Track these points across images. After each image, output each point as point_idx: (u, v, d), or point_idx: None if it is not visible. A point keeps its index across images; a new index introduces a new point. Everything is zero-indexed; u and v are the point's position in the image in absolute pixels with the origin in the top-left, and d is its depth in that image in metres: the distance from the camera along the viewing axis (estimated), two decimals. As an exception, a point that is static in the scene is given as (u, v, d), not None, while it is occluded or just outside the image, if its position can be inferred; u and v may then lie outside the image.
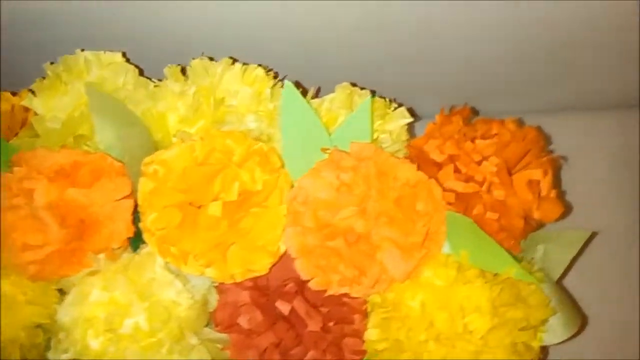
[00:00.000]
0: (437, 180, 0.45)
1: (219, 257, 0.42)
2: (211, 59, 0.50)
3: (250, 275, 0.43)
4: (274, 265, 0.44)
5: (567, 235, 0.51)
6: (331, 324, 0.44)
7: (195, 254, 0.41)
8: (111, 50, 0.52)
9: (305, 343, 0.44)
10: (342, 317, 0.45)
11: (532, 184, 0.45)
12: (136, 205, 0.44)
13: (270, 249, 0.43)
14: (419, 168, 0.46)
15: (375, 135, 0.50)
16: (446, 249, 0.45)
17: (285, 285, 0.45)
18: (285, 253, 0.44)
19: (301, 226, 0.41)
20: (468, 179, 0.45)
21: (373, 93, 0.53)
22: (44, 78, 0.51)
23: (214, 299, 0.46)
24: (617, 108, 0.68)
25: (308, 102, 0.47)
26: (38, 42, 0.56)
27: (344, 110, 0.49)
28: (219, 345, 0.45)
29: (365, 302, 0.46)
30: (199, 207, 0.42)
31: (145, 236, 0.43)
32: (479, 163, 0.45)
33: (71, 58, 0.51)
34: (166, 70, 0.51)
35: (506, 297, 0.43)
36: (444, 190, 0.45)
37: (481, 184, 0.44)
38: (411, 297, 0.43)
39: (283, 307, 0.44)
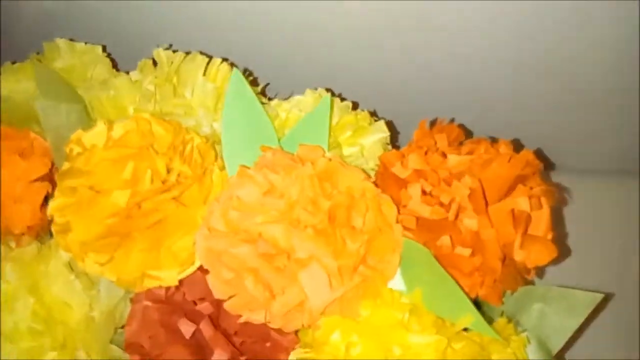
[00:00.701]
0: (398, 200, 0.37)
1: (115, 251, 0.35)
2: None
3: (156, 284, 0.37)
4: (192, 278, 0.38)
5: (573, 297, 0.39)
6: (242, 358, 0.36)
7: (87, 243, 0.35)
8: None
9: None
10: (258, 352, 0.36)
11: (517, 217, 0.36)
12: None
13: (180, 256, 0.36)
14: (381, 185, 0.38)
15: (343, 147, 0.43)
16: (400, 285, 0.36)
17: (200, 303, 0.37)
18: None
19: (208, 227, 0.34)
20: (436, 202, 0.36)
21: (355, 105, 0.46)
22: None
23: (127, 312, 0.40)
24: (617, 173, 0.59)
25: (258, 97, 0.41)
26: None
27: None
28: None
29: (296, 339, 0.37)
30: (99, 191, 0.36)
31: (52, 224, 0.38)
32: (449, 182, 0.36)
33: (48, 45, 0.50)
34: (139, 63, 0.48)
35: (464, 356, 0.33)
36: (404, 213, 0.36)
37: (448, 208, 0.35)
38: (340, 339, 0.34)
39: (185, 328, 0.36)
